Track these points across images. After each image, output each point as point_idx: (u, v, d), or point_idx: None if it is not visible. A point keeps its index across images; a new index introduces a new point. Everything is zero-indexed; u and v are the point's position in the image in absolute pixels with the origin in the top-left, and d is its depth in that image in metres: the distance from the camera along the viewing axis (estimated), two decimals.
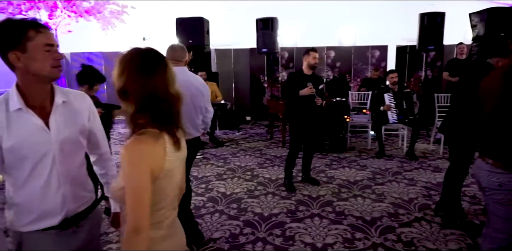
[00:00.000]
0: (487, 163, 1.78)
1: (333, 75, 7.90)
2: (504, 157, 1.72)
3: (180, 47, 2.69)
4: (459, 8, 8.51)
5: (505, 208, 1.74)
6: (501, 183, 1.71)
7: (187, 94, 2.55)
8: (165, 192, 1.14)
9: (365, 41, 10.30)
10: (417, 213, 3.24)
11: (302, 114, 3.75)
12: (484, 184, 1.80)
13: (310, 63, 3.70)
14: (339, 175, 4.28)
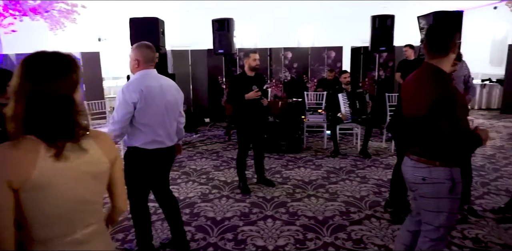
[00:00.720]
0: (412, 160, 1.85)
1: (290, 76, 7.96)
2: (425, 153, 1.79)
3: (153, 47, 2.48)
4: (409, 11, 8.89)
5: (432, 201, 1.81)
6: (424, 177, 1.78)
7: (162, 102, 2.40)
8: (40, 207, 1.01)
9: (323, 42, 10.54)
10: (367, 210, 3.30)
11: (249, 116, 3.72)
12: (410, 180, 1.87)
13: (251, 65, 3.68)
14: (295, 176, 4.29)
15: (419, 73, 1.83)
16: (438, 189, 1.77)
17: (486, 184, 3.92)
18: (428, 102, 1.67)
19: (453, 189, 1.76)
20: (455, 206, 1.82)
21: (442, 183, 1.76)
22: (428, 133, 1.75)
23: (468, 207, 3.17)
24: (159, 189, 2.64)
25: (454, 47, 1.72)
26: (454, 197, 1.79)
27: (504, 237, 2.78)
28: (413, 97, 1.80)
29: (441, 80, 1.70)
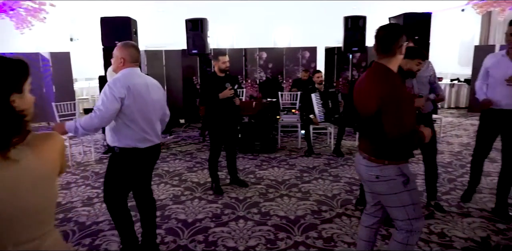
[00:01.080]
0: (364, 158, 1.91)
1: (266, 76, 7.98)
2: (375, 152, 1.85)
3: (138, 47, 2.48)
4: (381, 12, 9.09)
5: (392, 197, 1.87)
6: (377, 175, 1.84)
7: (149, 99, 2.38)
8: None
9: (299, 42, 10.64)
10: (339, 209, 3.34)
11: (221, 116, 3.70)
12: (365, 178, 1.93)
13: (221, 67, 3.67)
14: (268, 176, 4.29)
15: (368, 73, 1.89)
16: (393, 185, 1.83)
17: (453, 180, 4.04)
18: (376, 100, 1.73)
19: (407, 181, 1.84)
20: (415, 197, 1.89)
21: (394, 179, 1.83)
22: (377, 132, 1.79)
23: (435, 203, 3.26)
24: (142, 188, 2.61)
25: (400, 48, 1.77)
26: (410, 189, 1.86)
27: (468, 231, 2.86)
28: (363, 96, 1.86)
29: (388, 79, 1.76)
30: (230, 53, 7.98)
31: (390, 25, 1.86)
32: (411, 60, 2.81)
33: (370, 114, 1.80)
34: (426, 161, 3.23)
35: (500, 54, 3.07)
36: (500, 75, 2.98)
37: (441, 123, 6.13)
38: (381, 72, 1.80)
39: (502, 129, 3.09)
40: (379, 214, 2.10)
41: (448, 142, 5.82)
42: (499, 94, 3.02)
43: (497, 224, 2.96)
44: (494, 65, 3.07)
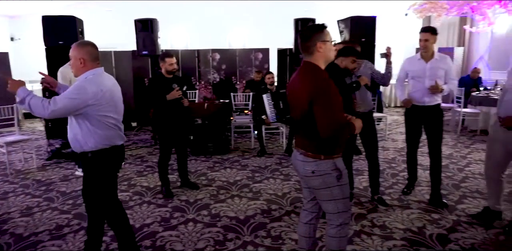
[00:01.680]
0: (300, 154, 1.97)
1: (219, 77, 7.96)
2: (311, 147, 1.92)
3: (95, 44, 2.34)
4: (330, 15, 9.39)
5: (325, 191, 1.95)
6: (313, 170, 1.92)
7: (119, 99, 2.35)
8: None
9: (254, 43, 10.71)
10: (288, 207, 3.40)
11: (169, 118, 3.64)
12: (301, 173, 1.99)
13: (168, 69, 3.62)
14: (220, 177, 4.28)
15: (298, 71, 1.96)
16: (327, 179, 1.92)
17: (396, 175, 4.26)
18: (307, 94, 1.80)
19: (340, 176, 1.93)
20: (346, 192, 1.99)
21: (329, 174, 1.91)
22: (312, 128, 1.86)
23: (378, 198, 3.41)
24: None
25: (318, 46, 1.85)
26: (342, 184, 1.96)
27: (407, 222, 3.03)
28: (296, 94, 1.92)
29: (316, 74, 1.85)
30: (183, 54, 7.94)
31: (308, 26, 1.95)
32: (346, 57, 2.98)
33: (304, 110, 1.86)
34: (369, 158, 3.39)
35: (416, 58, 3.37)
36: (418, 76, 3.33)
37: (387, 121, 6.45)
38: (309, 69, 1.89)
39: (424, 123, 3.39)
40: (316, 209, 2.16)
41: (393, 139, 6.14)
42: (420, 92, 3.32)
43: (432, 214, 3.16)
44: (412, 68, 3.37)
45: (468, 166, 4.54)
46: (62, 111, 2.12)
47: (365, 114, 3.25)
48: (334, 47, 1.98)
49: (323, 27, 1.90)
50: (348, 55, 3.01)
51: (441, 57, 3.33)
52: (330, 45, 1.90)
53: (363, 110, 3.24)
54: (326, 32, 1.89)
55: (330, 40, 1.90)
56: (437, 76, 3.26)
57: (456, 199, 3.50)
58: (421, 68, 3.31)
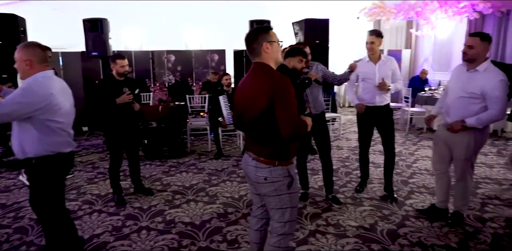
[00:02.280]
0: (253, 159, 1.91)
1: (175, 79, 7.80)
2: (265, 153, 1.87)
3: (43, 45, 2.21)
4: (285, 17, 9.53)
5: (275, 199, 1.90)
6: (266, 177, 1.86)
7: (69, 103, 2.26)
8: None
9: (211, 45, 10.61)
10: (244, 209, 3.38)
11: (119, 122, 3.50)
12: (253, 179, 1.93)
13: (119, 71, 3.48)
14: (176, 181, 4.18)
15: (251, 73, 1.89)
16: (278, 186, 1.87)
17: (349, 173, 4.38)
18: (267, 96, 1.73)
19: (291, 184, 1.89)
20: (295, 201, 1.94)
21: (281, 181, 1.86)
22: (267, 132, 1.82)
23: (332, 197, 3.49)
24: None
25: (262, 47, 1.82)
26: (292, 192, 1.91)
27: (359, 219, 3.12)
28: (251, 96, 1.83)
29: (272, 74, 1.79)
30: (137, 56, 7.68)
31: (253, 28, 1.91)
32: (293, 57, 3.02)
33: (260, 113, 1.79)
34: (322, 158, 3.45)
35: (365, 60, 3.49)
36: (368, 78, 3.45)
37: (341, 121, 6.64)
38: (264, 69, 1.83)
39: (376, 123, 3.52)
40: (265, 215, 2.11)
41: (347, 138, 6.33)
42: (371, 93, 3.45)
43: (383, 210, 3.29)
44: (362, 70, 3.47)
45: (415, 163, 4.77)
46: (9, 116, 2.01)
47: (318, 115, 3.31)
48: (281, 48, 1.95)
49: (268, 29, 1.88)
50: (294, 55, 3.05)
51: (387, 58, 3.48)
52: (276, 46, 1.87)
53: (315, 111, 3.30)
54: (271, 33, 1.86)
55: (276, 41, 1.87)
56: (385, 76, 3.41)
57: (405, 194, 3.67)
58: (371, 69, 3.44)
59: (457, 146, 2.85)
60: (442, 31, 9.04)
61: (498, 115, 2.63)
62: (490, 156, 5.04)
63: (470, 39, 2.69)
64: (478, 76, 2.66)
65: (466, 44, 2.69)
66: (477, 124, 2.67)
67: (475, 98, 2.67)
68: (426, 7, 8.42)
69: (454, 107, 2.81)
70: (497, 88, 2.58)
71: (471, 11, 8.02)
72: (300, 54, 3.08)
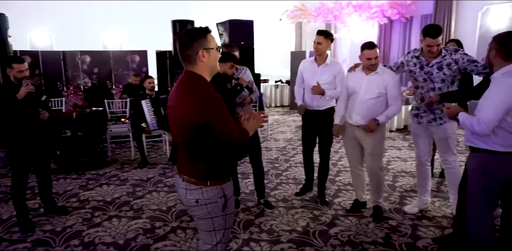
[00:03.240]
0: (183, 180, 1.71)
1: (91, 82, 7.17)
2: (195, 172, 1.68)
3: None
4: (209, 18, 9.36)
5: (207, 222, 1.72)
6: (197, 199, 1.67)
7: None
8: None
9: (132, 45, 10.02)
10: (174, 222, 3.16)
11: (24, 134, 3.03)
12: (184, 203, 1.74)
13: (17, 77, 3.00)
14: (95, 196, 3.79)
15: (180, 83, 1.66)
16: (212, 209, 1.68)
17: (279, 175, 4.40)
18: (193, 119, 1.53)
19: (226, 205, 1.71)
20: (230, 222, 1.77)
21: (215, 202, 1.68)
22: (196, 149, 1.64)
23: (264, 201, 3.44)
24: None
25: (198, 55, 1.59)
26: (227, 213, 1.73)
27: (292, 222, 3.12)
28: (178, 112, 1.60)
29: (198, 92, 1.57)
30: (45, 56, 6.89)
31: (188, 30, 1.64)
32: (224, 63, 2.90)
33: (187, 133, 1.60)
34: (252, 162, 3.39)
35: (310, 61, 3.46)
36: (310, 80, 3.37)
37: (268, 122, 6.69)
38: (194, 82, 1.61)
39: (316, 127, 3.49)
40: None
41: (275, 139, 6.40)
42: (310, 96, 3.41)
43: (314, 211, 3.33)
44: (306, 71, 3.46)
45: (340, 160, 4.98)
46: None
47: None
48: (217, 54, 1.67)
49: (206, 32, 1.61)
50: (225, 61, 2.93)
51: (333, 62, 3.38)
52: (215, 53, 1.62)
53: None
54: (209, 38, 1.60)
55: (215, 47, 1.61)
56: (326, 80, 3.29)
57: (333, 193, 3.77)
58: (313, 72, 3.36)
59: (369, 142, 3.05)
60: (358, 34, 9.65)
61: (399, 109, 3.04)
62: (403, 150, 5.47)
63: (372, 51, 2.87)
64: (380, 77, 2.94)
65: (372, 56, 2.87)
66: (386, 120, 3.03)
67: (381, 97, 2.95)
68: (342, 11, 8.90)
69: (364, 109, 2.99)
70: (396, 86, 2.95)
71: (381, 16, 8.68)
72: (231, 59, 2.97)
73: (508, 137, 2.00)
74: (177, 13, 8.67)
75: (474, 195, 2.18)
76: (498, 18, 6.76)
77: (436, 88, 2.86)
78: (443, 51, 2.81)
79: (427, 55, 2.84)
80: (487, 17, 6.94)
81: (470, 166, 2.22)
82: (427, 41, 2.72)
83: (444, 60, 2.79)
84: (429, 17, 8.07)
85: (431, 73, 2.85)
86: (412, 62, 2.98)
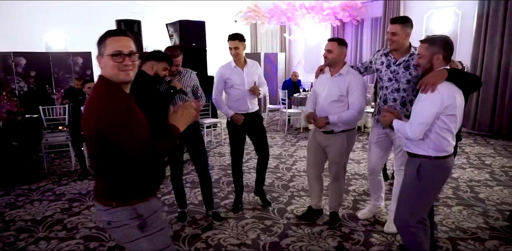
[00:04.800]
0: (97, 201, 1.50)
1: (28, 86, 6.57)
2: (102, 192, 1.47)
3: None
4: (159, 18, 8.99)
5: (130, 245, 1.50)
6: (109, 221, 1.45)
7: None
8: None
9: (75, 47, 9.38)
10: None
11: None
12: (101, 225, 1.52)
13: None
14: (23, 215, 3.37)
15: (93, 88, 1.46)
16: (127, 232, 1.46)
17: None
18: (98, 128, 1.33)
19: (144, 225, 1.48)
20: (161, 242, 1.53)
21: (127, 224, 1.46)
22: (101, 163, 1.44)
23: (213, 213, 3.22)
24: None
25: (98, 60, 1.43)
26: (151, 233, 1.50)
27: (241, 235, 2.93)
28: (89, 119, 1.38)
29: (103, 97, 1.37)
30: None
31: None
32: (157, 62, 2.66)
33: (90, 141, 1.41)
34: (199, 171, 3.15)
35: (231, 65, 3.31)
36: (238, 84, 3.25)
37: (222, 126, 6.47)
38: (101, 88, 1.41)
39: (248, 130, 3.36)
40: None
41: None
42: (242, 100, 3.27)
43: (265, 221, 3.16)
44: (230, 76, 3.28)
45: (295, 164, 4.87)
46: None
47: (191, 126, 2.99)
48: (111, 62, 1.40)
49: (107, 35, 1.43)
50: (159, 60, 2.67)
51: (253, 62, 3.38)
52: (107, 59, 1.40)
53: None
54: (108, 42, 1.40)
55: (109, 53, 1.38)
56: (253, 81, 3.30)
57: (285, 200, 3.63)
58: (239, 75, 3.27)
59: (333, 148, 2.91)
60: (312, 36, 9.71)
61: (357, 115, 2.80)
62: (357, 151, 5.48)
63: (328, 44, 2.78)
64: (343, 79, 2.80)
65: (326, 48, 2.78)
66: (338, 121, 2.79)
67: (344, 101, 2.80)
68: (295, 13, 8.89)
69: (325, 112, 2.86)
70: (357, 89, 2.76)
71: (333, 18, 8.77)
72: (166, 60, 2.70)
73: (440, 141, 1.98)
74: (123, 12, 8.22)
75: (408, 199, 2.12)
76: (442, 21, 7.03)
77: (401, 89, 2.70)
78: (412, 49, 2.69)
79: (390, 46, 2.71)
80: (431, 21, 7.20)
81: (406, 171, 2.18)
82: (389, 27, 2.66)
83: (411, 59, 2.65)
84: (379, 20, 8.26)
85: (397, 72, 2.71)
86: (380, 60, 2.84)
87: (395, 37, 2.63)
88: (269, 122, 8.36)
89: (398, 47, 2.68)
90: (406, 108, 2.70)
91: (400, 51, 2.71)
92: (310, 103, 3.11)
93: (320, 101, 2.91)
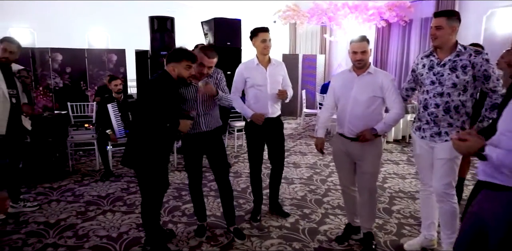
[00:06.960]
0: None
1: (63, 82, 6.57)
2: None
3: None
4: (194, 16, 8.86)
5: None
6: None
7: None
8: None
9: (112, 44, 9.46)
10: None
11: None
12: None
13: None
14: (37, 217, 3.19)
15: None
16: None
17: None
18: None
19: None
20: None
21: None
22: None
23: (234, 229, 2.84)
24: None
25: None
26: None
27: None
28: None
29: None
30: None
31: None
32: (177, 63, 2.34)
33: None
34: (219, 181, 2.78)
35: (254, 63, 2.98)
36: (258, 84, 2.94)
37: None
38: None
39: (267, 136, 3.04)
40: None
41: None
42: (262, 102, 2.96)
43: (293, 243, 2.75)
44: (251, 75, 2.96)
45: (330, 176, 4.41)
46: None
47: (211, 131, 2.66)
48: None
49: None
50: (179, 60, 2.34)
51: (278, 62, 3.06)
52: None
53: (206, 128, 2.62)
54: None
55: None
56: (276, 82, 2.97)
57: (318, 219, 3.20)
58: (261, 74, 2.94)
59: (365, 158, 2.52)
60: (354, 36, 9.16)
61: (402, 113, 2.47)
62: (401, 165, 4.92)
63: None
64: (373, 77, 2.47)
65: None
66: (386, 128, 2.48)
67: (377, 102, 2.46)
68: (337, 12, 8.41)
69: (358, 116, 2.47)
70: (393, 86, 2.45)
71: (378, 19, 8.20)
72: (185, 58, 2.35)
73: None
74: (157, 10, 8.12)
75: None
76: (504, 22, 6.27)
77: (445, 93, 2.25)
78: (459, 47, 2.23)
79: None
80: (492, 21, 6.46)
81: (487, 209, 1.53)
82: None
83: (459, 59, 2.20)
84: (429, 20, 7.58)
85: (441, 74, 2.26)
86: (421, 63, 2.40)
87: (439, 31, 2.20)
88: (305, 127, 7.91)
89: (443, 44, 2.24)
90: (449, 115, 2.26)
91: (444, 49, 2.26)
92: (325, 113, 2.73)
93: (345, 106, 2.52)
